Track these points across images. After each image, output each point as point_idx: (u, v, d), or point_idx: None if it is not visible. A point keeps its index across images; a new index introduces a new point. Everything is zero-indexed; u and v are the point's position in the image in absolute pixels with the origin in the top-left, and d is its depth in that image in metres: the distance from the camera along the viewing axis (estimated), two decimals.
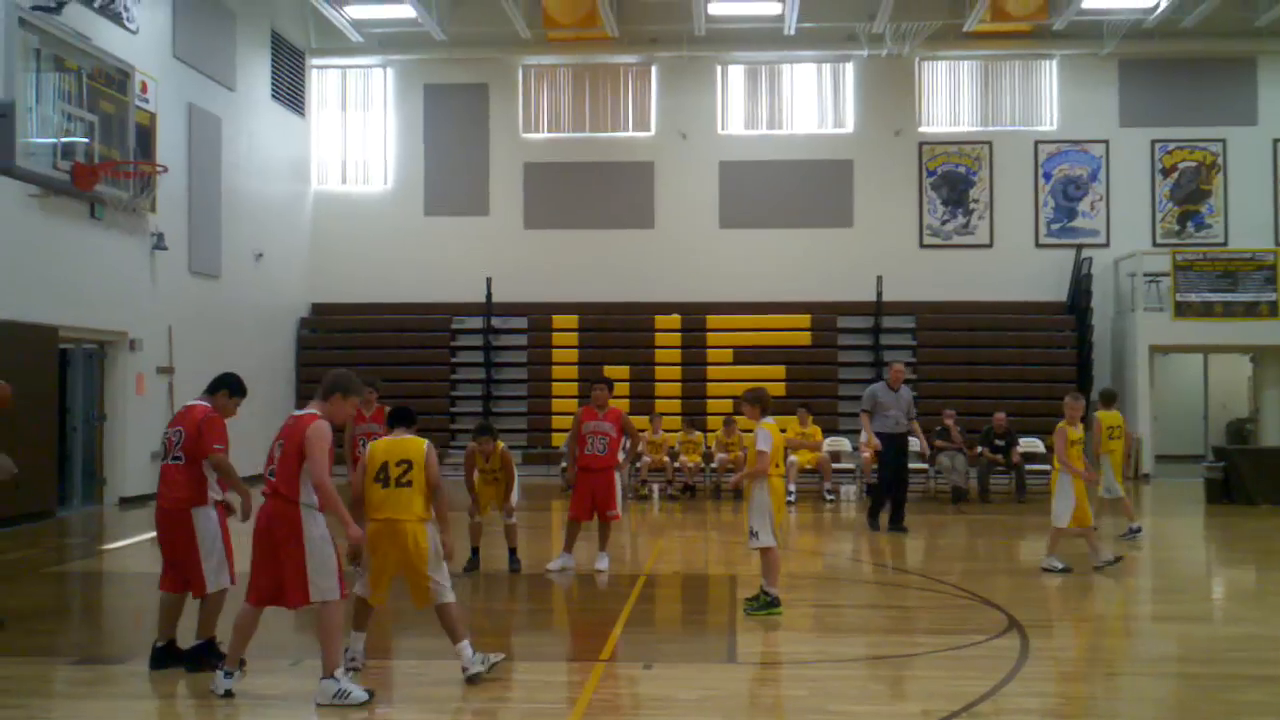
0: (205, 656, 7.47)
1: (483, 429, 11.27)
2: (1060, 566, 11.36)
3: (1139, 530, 13.87)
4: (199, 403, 7.82)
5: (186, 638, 7.59)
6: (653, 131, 24.81)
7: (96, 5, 16.54)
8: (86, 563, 12.88)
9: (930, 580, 11.14)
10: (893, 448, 14.57)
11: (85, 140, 15.31)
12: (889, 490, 14.72)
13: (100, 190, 15.75)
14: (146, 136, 17.60)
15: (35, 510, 15.24)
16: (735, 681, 7.47)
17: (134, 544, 13.68)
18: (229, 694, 6.84)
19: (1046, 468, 19.74)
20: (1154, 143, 24.15)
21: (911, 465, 19.77)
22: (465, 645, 7.20)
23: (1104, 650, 8.73)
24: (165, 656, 7.52)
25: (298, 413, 7.10)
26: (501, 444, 11.41)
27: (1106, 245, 23.99)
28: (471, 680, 7.11)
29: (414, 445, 7.39)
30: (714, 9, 22.67)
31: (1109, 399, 14.56)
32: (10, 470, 9.05)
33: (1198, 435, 25.51)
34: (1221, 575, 11.70)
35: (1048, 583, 11.31)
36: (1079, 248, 23.74)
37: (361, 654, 7.49)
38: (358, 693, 6.72)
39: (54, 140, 14.65)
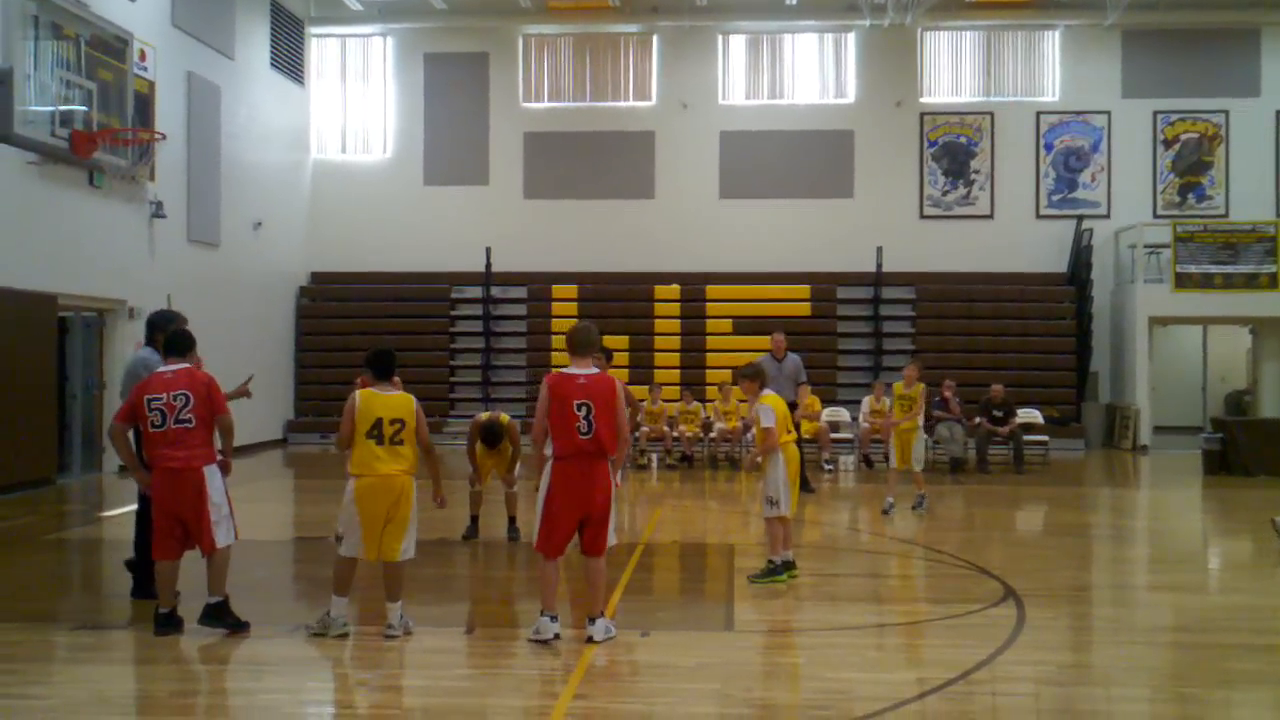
0: (224, 615, 7.53)
1: (490, 433, 11.23)
2: None
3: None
4: (183, 365, 7.73)
5: (188, 607, 7.64)
6: (653, 101, 24.70)
7: None
8: (85, 529, 12.91)
9: (928, 550, 11.18)
10: None
11: (84, 108, 15.22)
12: None
13: (99, 158, 15.68)
14: (145, 105, 17.53)
15: (34, 477, 15.26)
16: (732, 649, 7.50)
17: (133, 511, 13.69)
18: (557, 636, 7.36)
19: (1044, 438, 19.96)
20: (1156, 114, 24.04)
21: None
22: (399, 606, 7.55)
23: (1100, 619, 8.76)
24: (169, 622, 7.55)
25: (581, 372, 7.44)
26: (506, 417, 11.41)
27: (1107, 217, 23.92)
28: (389, 638, 7.43)
29: (405, 404, 7.64)
30: None
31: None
32: (246, 393, 8.88)
33: (1196, 407, 25.55)
34: (1218, 546, 11.72)
35: (1044, 552, 11.36)
36: (1079, 219, 23.68)
37: (344, 615, 7.51)
38: (614, 631, 7.49)
39: (52, 108, 14.57)
